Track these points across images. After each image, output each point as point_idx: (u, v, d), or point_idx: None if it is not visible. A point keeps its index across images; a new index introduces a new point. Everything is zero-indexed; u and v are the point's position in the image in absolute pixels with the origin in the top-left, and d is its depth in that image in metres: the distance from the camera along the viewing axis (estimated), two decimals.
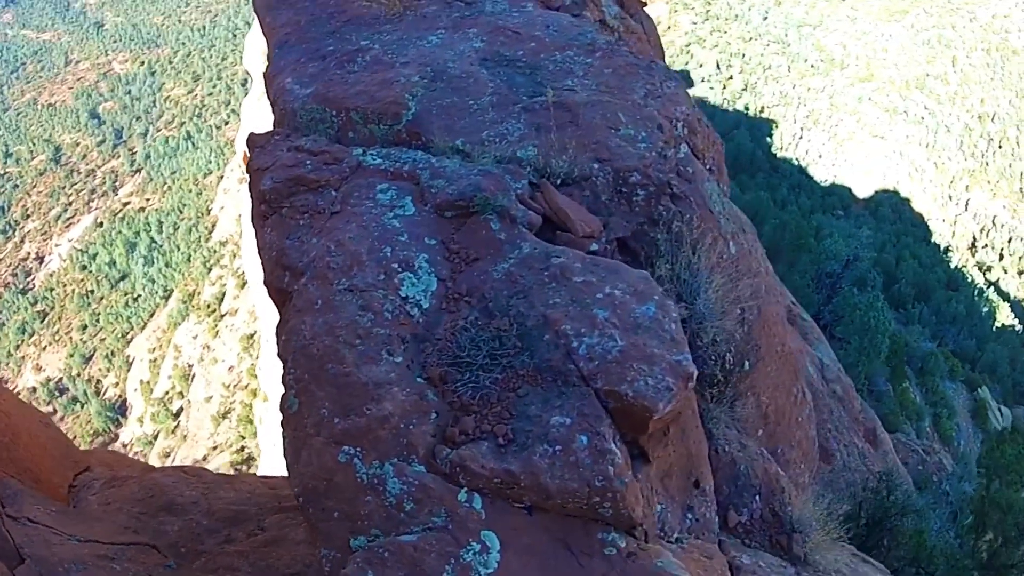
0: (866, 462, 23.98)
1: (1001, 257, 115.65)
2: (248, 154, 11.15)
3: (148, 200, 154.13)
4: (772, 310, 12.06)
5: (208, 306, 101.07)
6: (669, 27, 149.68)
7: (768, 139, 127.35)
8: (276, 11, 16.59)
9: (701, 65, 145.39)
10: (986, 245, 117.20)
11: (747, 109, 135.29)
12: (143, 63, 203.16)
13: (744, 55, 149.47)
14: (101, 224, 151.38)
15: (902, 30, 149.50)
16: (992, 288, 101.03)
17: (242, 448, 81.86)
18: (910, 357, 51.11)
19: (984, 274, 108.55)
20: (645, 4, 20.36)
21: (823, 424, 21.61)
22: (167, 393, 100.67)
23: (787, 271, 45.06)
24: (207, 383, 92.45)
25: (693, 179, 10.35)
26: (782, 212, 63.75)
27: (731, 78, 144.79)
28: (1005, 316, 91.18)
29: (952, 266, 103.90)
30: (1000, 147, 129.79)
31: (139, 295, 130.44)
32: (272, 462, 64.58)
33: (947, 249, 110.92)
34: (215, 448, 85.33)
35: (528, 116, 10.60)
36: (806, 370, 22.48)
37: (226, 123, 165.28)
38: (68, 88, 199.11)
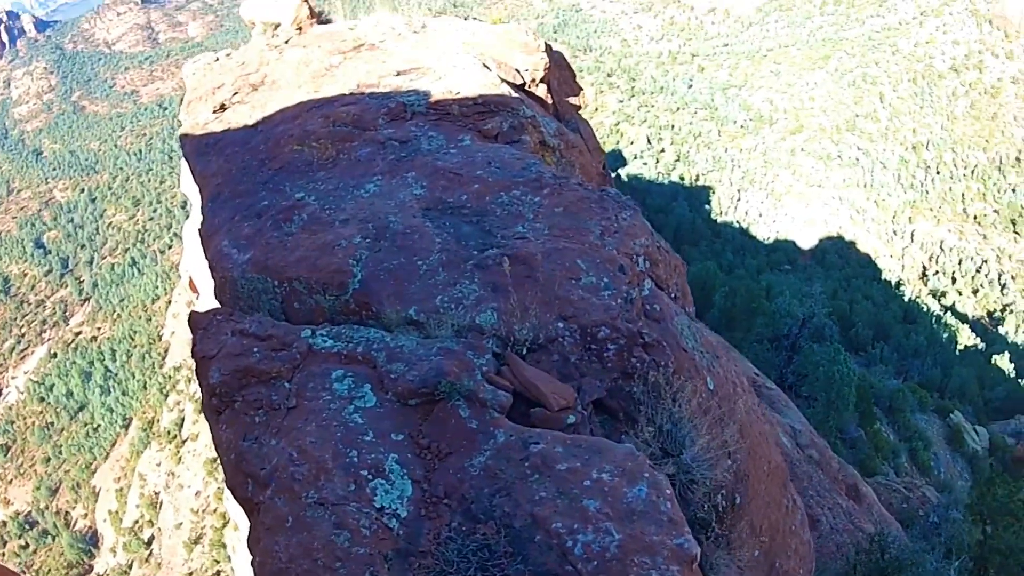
0: (852, 520, 23.67)
1: (954, 280, 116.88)
2: (191, 336, 10.55)
3: (99, 329, 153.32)
4: (756, 429, 11.56)
5: (168, 432, 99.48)
6: (597, 108, 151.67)
7: (707, 206, 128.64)
8: (206, 158, 16.12)
9: (632, 142, 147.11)
10: (937, 272, 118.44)
11: (682, 179, 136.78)
12: (83, 190, 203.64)
13: (673, 126, 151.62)
14: (55, 355, 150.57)
15: (826, 76, 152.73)
16: (949, 313, 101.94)
17: (218, 573, 79.81)
18: (878, 397, 51.12)
19: (939, 300, 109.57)
20: (580, 108, 20.16)
21: (804, 492, 21.30)
22: (137, 522, 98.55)
23: (743, 338, 44.85)
24: (176, 510, 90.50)
25: (662, 318, 9.84)
26: (730, 278, 63.56)
27: (663, 151, 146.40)
28: (966, 338, 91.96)
29: (906, 299, 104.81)
30: (938, 173, 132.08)
31: (99, 425, 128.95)
32: None
33: (899, 284, 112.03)
34: (191, 574, 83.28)
35: (482, 275, 10.00)
36: (779, 441, 22.13)
37: (169, 247, 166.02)
38: (12, 218, 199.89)
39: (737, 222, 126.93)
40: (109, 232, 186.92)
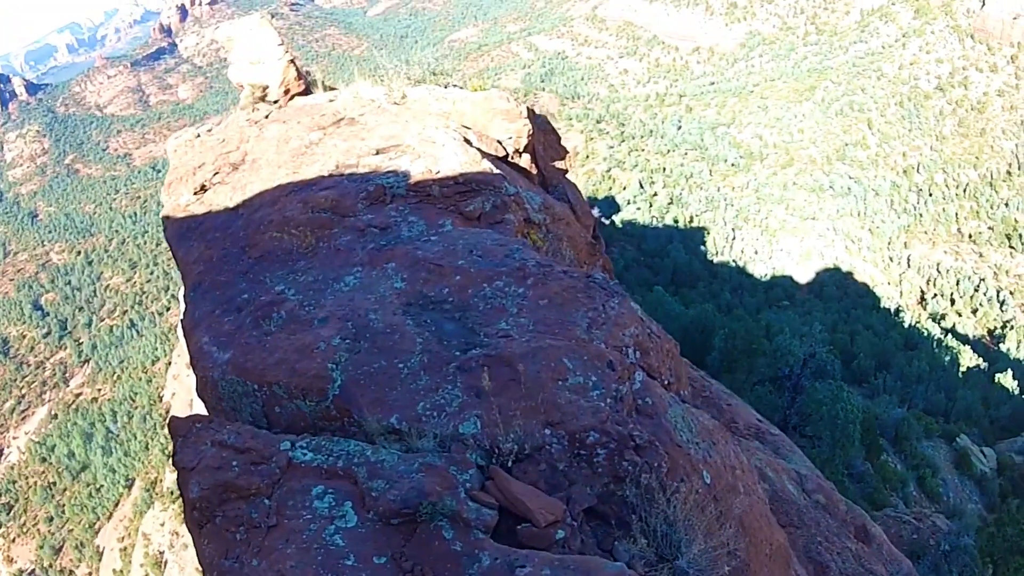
0: (862, 563, 23.23)
1: (952, 302, 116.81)
2: (172, 443, 10.27)
3: (100, 390, 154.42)
4: (756, 512, 11.21)
5: (172, 493, 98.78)
6: (588, 156, 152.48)
7: (702, 247, 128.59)
8: (188, 243, 15.88)
9: (625, 188, 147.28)
10: (936, 295, 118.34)
11: (677, 222, 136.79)
12: (80, 252, 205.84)
13: (665, 168, 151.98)
14: (56, 416, 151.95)
15: (813, 106, 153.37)
16: (950, 335, 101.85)
17: None
18: (883, 428, 51.07)
19: (939, 323, 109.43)
20: (567, 171, 19.96)
21: (812, 538, 20.95)
22: None
23: (745, 380, 44.62)
24: (180, 569, 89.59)
25: (655, 412, 9.54)
26: (729, 319, 63.26)
27: (656, 194, 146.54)
28: (968, 359, 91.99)
29: (907, 326, 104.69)
30: (931, 195, 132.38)
31: (101, 485, 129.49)
32: None
33: (898, 310, 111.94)
34: None
35: (465, 378, 9.66)
36: (785, 489, 21.75)
37: (167, 309, 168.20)
38: (9, 280, 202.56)
39: (733, 261, 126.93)
40: (107, 294, 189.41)
